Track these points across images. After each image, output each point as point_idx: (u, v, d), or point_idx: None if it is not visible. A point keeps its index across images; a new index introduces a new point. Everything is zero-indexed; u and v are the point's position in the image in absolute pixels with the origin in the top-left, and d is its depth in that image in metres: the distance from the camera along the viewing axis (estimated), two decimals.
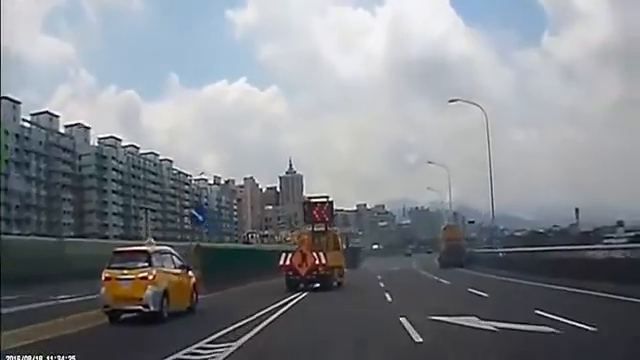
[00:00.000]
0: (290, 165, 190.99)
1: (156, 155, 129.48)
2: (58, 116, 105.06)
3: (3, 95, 76.98)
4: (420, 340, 9.81)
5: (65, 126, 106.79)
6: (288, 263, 24.77)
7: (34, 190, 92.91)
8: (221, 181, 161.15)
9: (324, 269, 24.70)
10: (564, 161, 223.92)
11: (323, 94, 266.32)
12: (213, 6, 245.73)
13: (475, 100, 45.23)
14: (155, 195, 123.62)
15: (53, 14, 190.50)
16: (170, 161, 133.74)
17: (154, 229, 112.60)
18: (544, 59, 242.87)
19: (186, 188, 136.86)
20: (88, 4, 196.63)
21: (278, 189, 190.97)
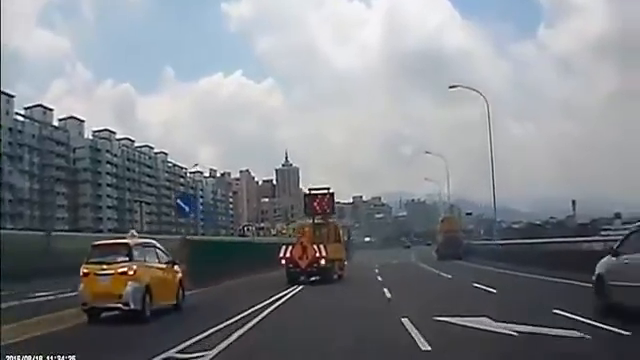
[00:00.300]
0: (286, 158, 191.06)
1: (151, 148, 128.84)
2: (52, 109, 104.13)
3: None
4: (428, 349, 8.48)
5: (59, 119, 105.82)
6: (288, 256, 24.40)
7: (27, 184, 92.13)
8: (217, 174, 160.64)
9: (325, 262, 24.32)
10: (560, 153, 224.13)
11: (319, 87, 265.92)
12: None
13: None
14: (150, 188, 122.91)
15: (48, 8, 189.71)
16: (165, 154, 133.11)
17: (149, 222, 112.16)
18: (540, 52, 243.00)
19: (181, 181, 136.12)
20: None
21: (274, 182, 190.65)
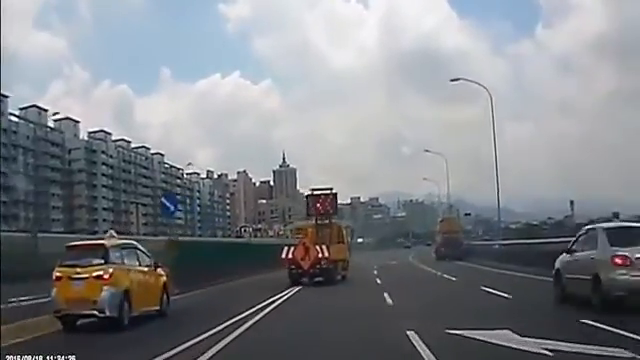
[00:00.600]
0: (283, 159, 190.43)
1: (147, 149, 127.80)
2: (47, 110, 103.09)
3: None
4: None
5: (54, 120, 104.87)
6: (290, 256, 23.99)
7: (23, 185, 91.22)
8: (214, 175, 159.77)
9: (327, 263, 23.92)
10: (558, 153, 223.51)
11: (317, 87, 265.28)
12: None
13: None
14: (146, 189, 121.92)
15: (45, 9, 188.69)
16: (162, 155, 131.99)
17: (145, 224, 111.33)
18: (538, 51, 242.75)
19: (178, 182, 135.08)
20: None
21: (271, 183, 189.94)
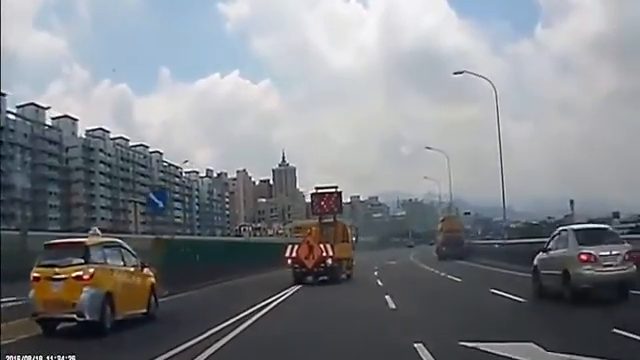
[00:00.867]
0: (283, 158, 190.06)
1: (146, 147, 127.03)
2: (45, 108, 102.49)
3: None
4: None
5: (52, 118, 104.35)
6: (294, 255, 23.82)
7: (21, 183, 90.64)
8: (213, 174, 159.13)
9: (332, 261, 23.69)
10: (558, 153, 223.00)
11: (316, 87, 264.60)
12: None
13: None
14: (144, 188, 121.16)
15: (45, 9, 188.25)
16: (160, 153, 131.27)
17: (143, 222, 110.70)
18: (538, 51, 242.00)
19: (176, 181, 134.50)
20: None
21: (271, 182, 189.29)
